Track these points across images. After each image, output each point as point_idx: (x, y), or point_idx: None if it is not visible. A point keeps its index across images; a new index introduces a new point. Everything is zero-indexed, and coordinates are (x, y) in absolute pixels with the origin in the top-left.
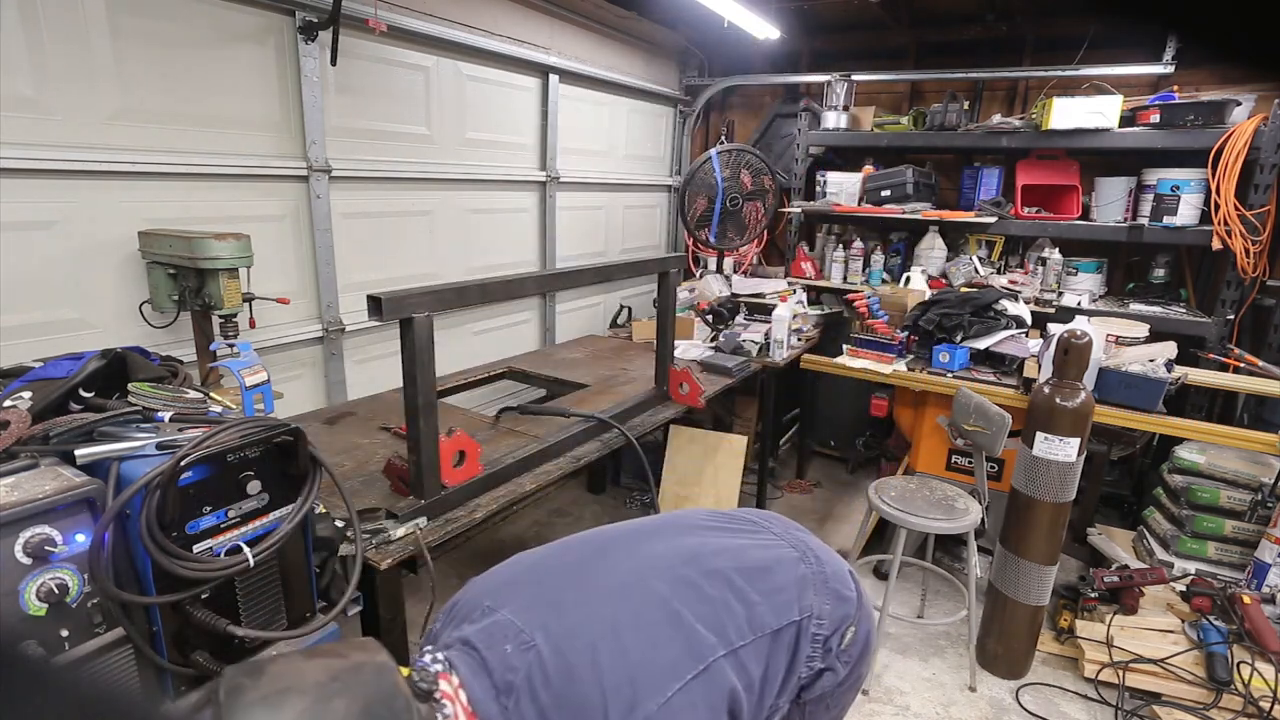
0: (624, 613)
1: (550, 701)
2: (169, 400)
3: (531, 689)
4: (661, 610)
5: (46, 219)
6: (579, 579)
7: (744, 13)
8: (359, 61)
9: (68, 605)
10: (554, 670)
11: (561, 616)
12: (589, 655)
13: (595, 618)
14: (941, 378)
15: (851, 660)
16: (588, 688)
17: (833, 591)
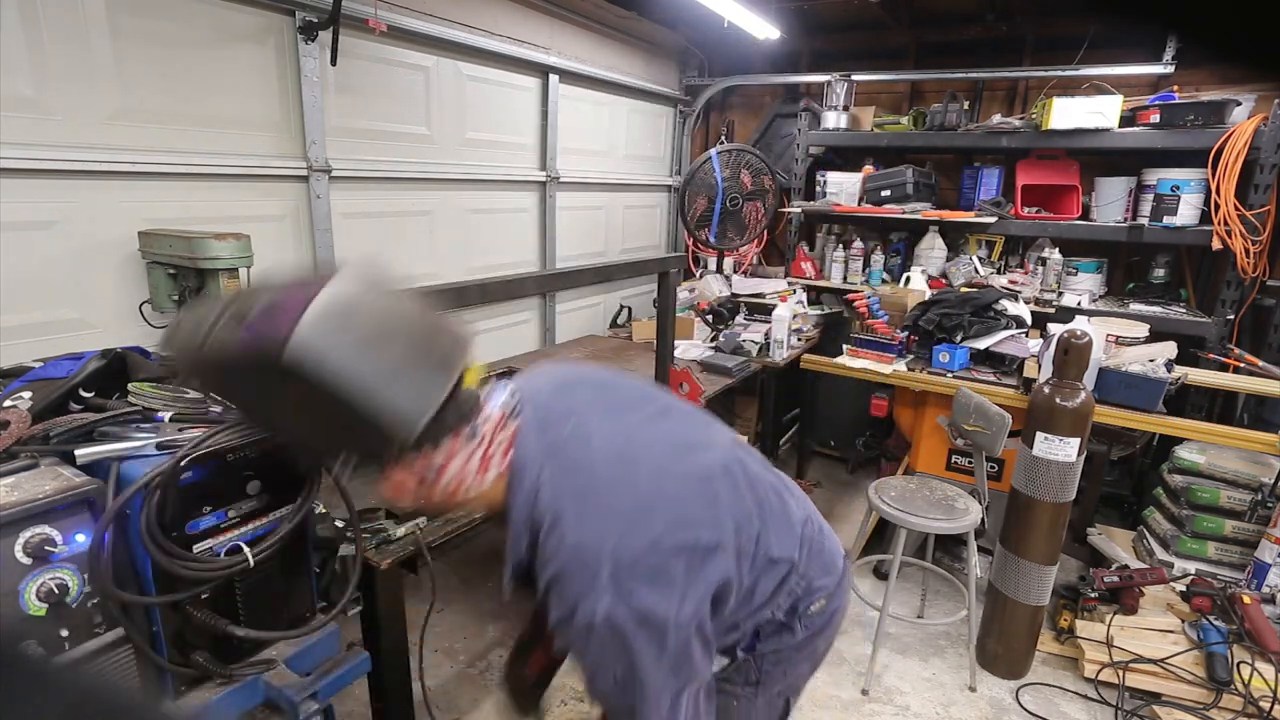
0: (678, 463)
1: (586, 488)
2: (169, 400)
3: (575, 469)
4: (708, 482)
5: (46, 219)
6: (649, 412)
7: (744, 13)
8: (359, 61)
9: (68, 605)
10: (602, 468)
11: (627, 433)
12: (636, 474)
13: (654, 451)
14: (941, 378)
15: (812, 629)
16: (624, 495)
17: (822, 563)
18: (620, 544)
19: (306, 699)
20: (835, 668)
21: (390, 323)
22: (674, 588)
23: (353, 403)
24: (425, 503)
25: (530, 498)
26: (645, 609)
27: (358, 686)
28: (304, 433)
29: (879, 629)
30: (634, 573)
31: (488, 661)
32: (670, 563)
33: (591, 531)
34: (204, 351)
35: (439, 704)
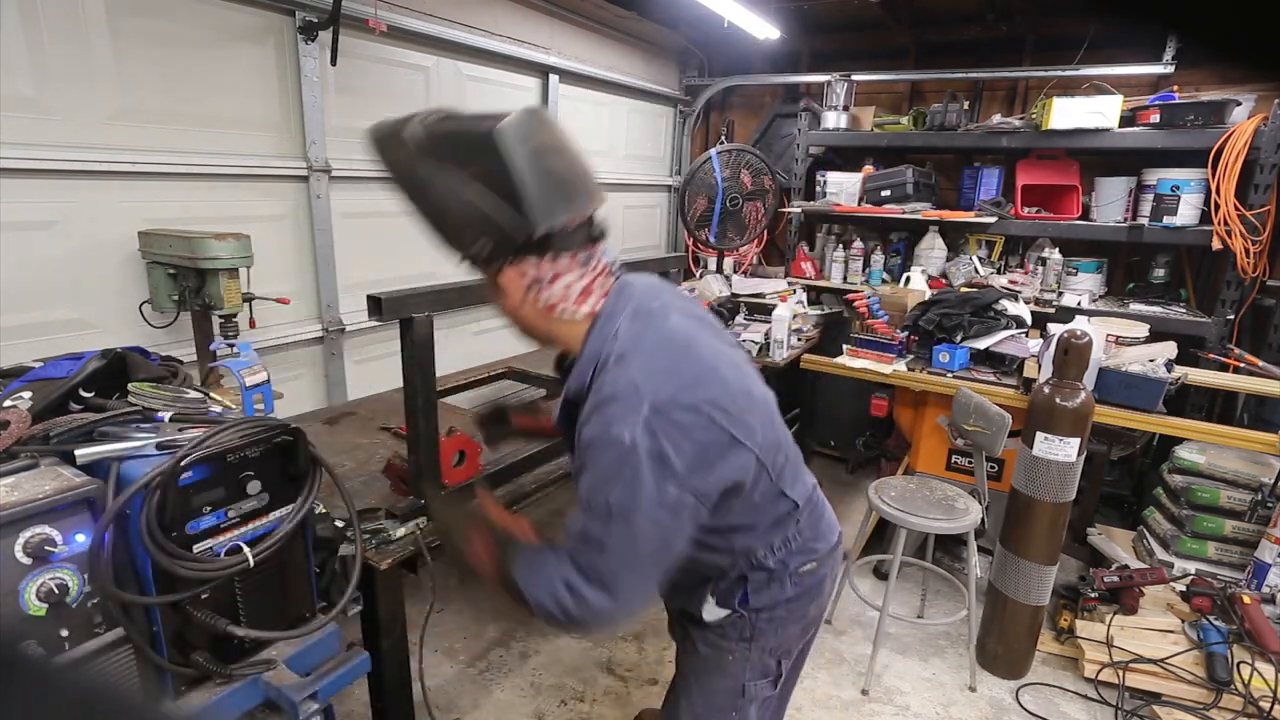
0: (743, 373)
1: (657, 346)
2: (169, 400)
3: (652, 329)
4: (751, 397)
5: (46, 219)
6: (717, 335)
7: (744, 13)
8: (359, 61)
9: (68, 605)
10: (677, 337)
11: (703, 333)
12: (704, 354)
13: (725, 350)
14: (941, 378)
15: (801, 588)
16: (689, 364)
17: (819, 529)
18: (669, 395)
19: (306, 699)
20: (835, 668)
21: (558, 147)
22: (695, 453)
23: (518, 182)
24: (521, 311)
25: (609, 337)
26: (665, 453)
27: (358, 686)
28: (462, 208)
29: (879, 629)
30: (669, 421)
31: (488, 661)
32: (703, 431)
33: (649, 376)
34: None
35: (439, 704)
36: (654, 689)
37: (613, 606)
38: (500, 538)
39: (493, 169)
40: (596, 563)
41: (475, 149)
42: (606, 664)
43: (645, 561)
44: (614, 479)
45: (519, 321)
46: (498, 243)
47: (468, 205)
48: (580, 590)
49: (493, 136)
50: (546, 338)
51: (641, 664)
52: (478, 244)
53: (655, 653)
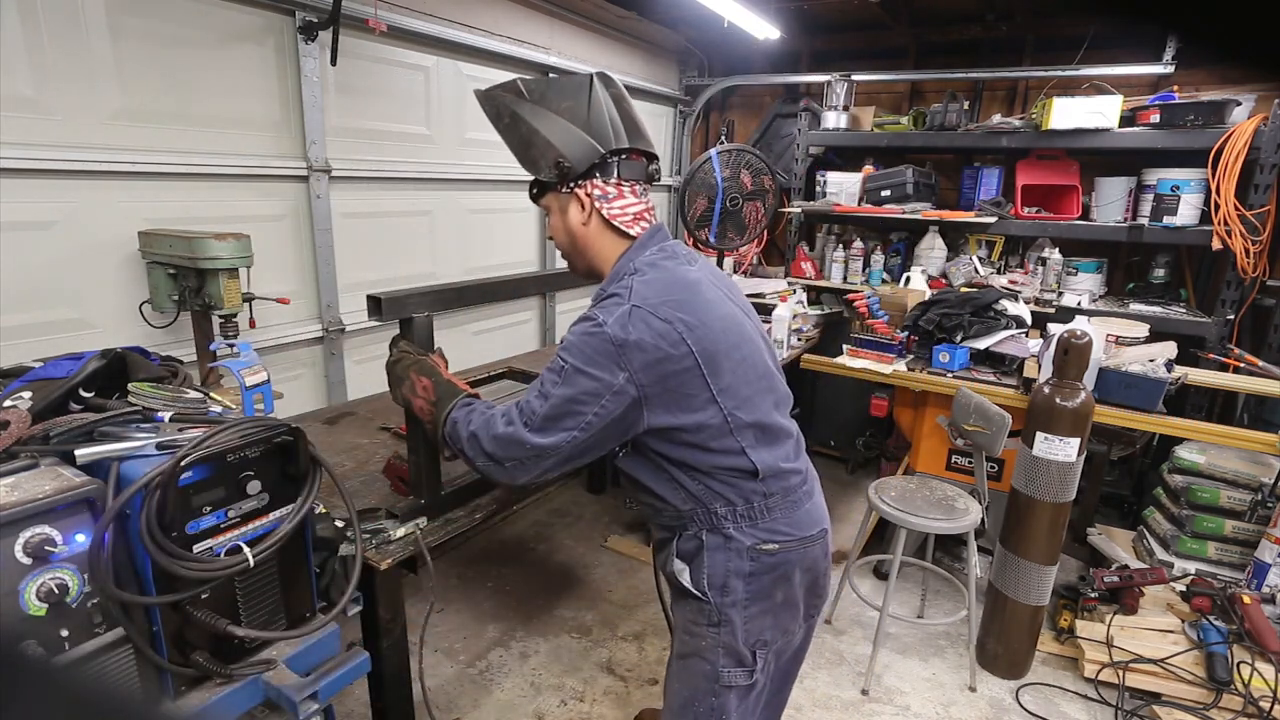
0: (735, 323)
1: (669, 281)
2: (169, 400)
3: (674, 261)
4: (749, 344)
5: (46, 219)
6: (742, 305)
7: (744, 13)
8: (359, 61)
9: (68, 605)
10: (688, 280)
11: (704, 277)
12: (704, 293)
13: (723, 305)
14: (941, 378)
15: (759, 564)
16: (689, 297)
17: (792, 517)
18: (653, 304)
19: (306, 699)
20: (835, 668)
21: (625, 98)
22: (656, 357)
23: (596, 112)
24: (582, 226)
25: (636, 258)
26: (627, 341)
27: (358, 686)
28: (547, 135)
29: (879, 629)
30: (642, 319)
31: (488, 661)
32: (669, 343)
33: (645, 287)
34: (518, 82)
35: (439, 704)
36: (654, 689)
37: (530, 446)
38: (443, 386)
39: (576, 105)
40: (534, 404)
41: (564, 92)
42: (607, 664)
43: (573, 424)
44: (577, 346)
45: (576, 237)
46: (574, 162)
47: (553, 133)
48: (512, 420)
49: (586, 78)
50: (589, 254)
51: (641, 664)
52: (559, 164)
53: (655, 653)
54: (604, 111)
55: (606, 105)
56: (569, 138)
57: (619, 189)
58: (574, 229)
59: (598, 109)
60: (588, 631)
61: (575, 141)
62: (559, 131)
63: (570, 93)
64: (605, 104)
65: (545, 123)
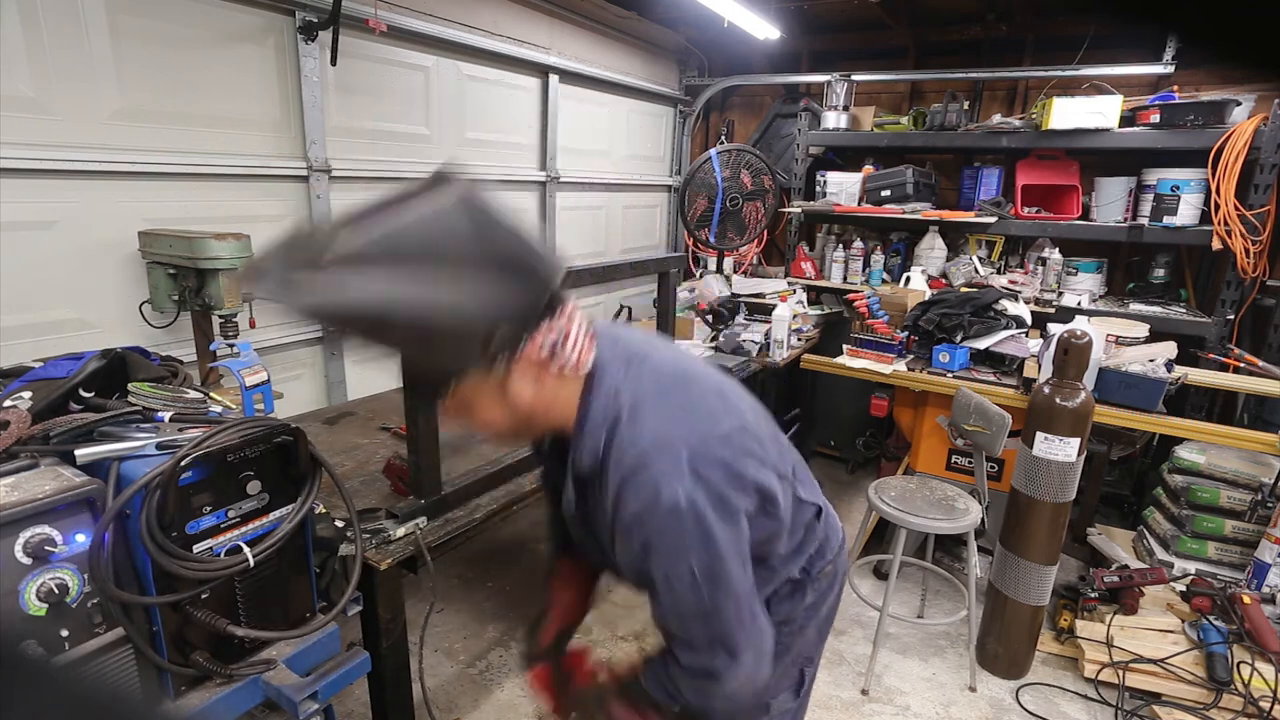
0: (733, 392)
1: (661, 389)
2: (169, 400)
3: (649, 372)
4: (766, 422)
5: (46, 219)
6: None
7: (744, 13)
8: (359, 61)
9: (68, 605)
10: (671, 376)
11: (683, 363)
12: (703, 390)
13: (712, 377)
14: (941, 378)
15: (819, 590)
16: (698, 400)
17: (830, 523)
18: (698, 435)
19: (306, 699)
20: (835, 668)
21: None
22: (741, 481)
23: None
24: (537, 392)
25: (610, 394)
26: (723, 495)
27: (358, 686)
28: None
29: (879, 629)
30: (710, 461)
31: (488, 661)
32: (740, 459)
33: (671, 422)
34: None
35: (439, 704)
36: None
37: (748, 666)
38: (624, 691)
39: (474, 242)
40: (712, 633)
41: (442, 230)
42: (607, 664)
43: (751, 603)
44: (686, 546)
45: (533, 409)
46: (516, 320)
47: (466, 296)
48: (711, 668)
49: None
50: (551, 415)
51: None
52: (497, 335)
53: None
54: (513, 229)
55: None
56: (491, 289)
57: (566, 320)
58: (530, 402)
59: (509, 229)
60: (588, 631)
61: (503, 290)
62: (469, 287)
63: (446, 231)
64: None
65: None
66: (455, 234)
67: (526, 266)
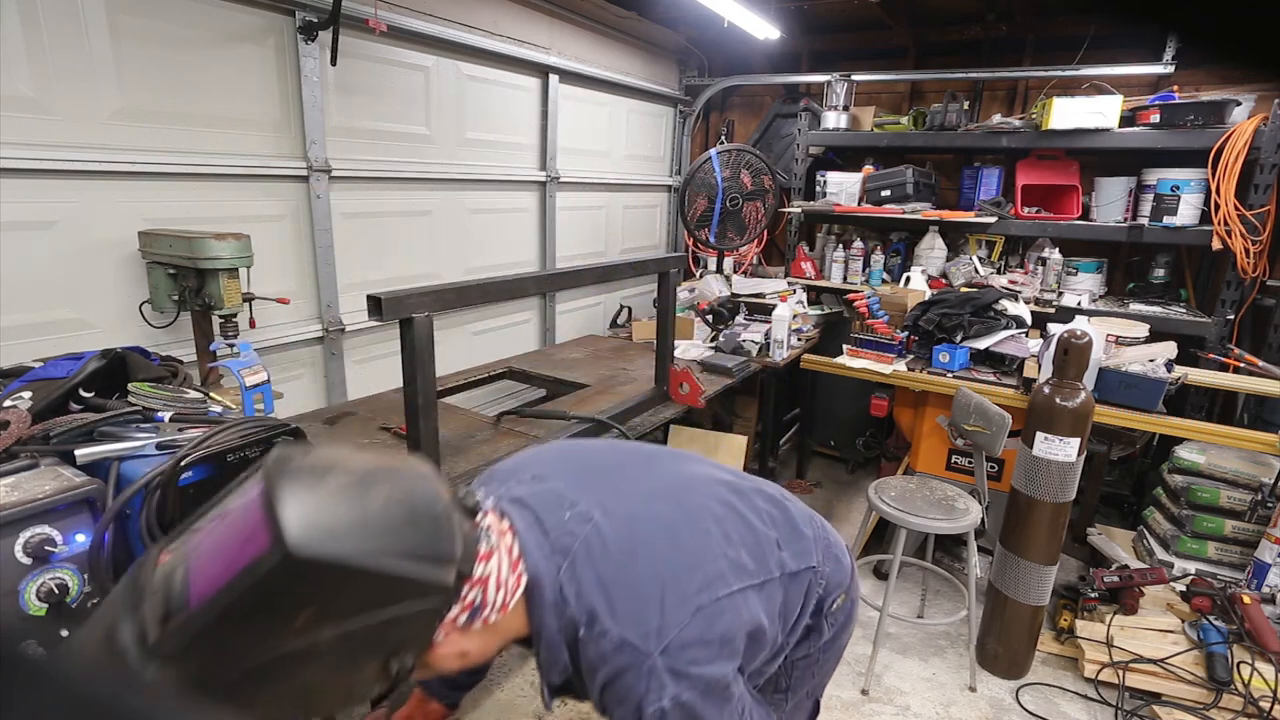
0: (680, 517)
1: (609, 574)
2: (169, 400)
3: (590, 557)
4: (716, 525)
5: (46, 219)
6: (631, 474)
7: (744, 13)
8: (359, 61)
9: (68, 605)
10: (614, 546)
11: (620, 499)
12: (649, 545)
13: (653, 510)
14: (941, 378)
15: (837, 625)
16: (646, 569)
17: (834, 557)
18: (663, 626)
19: None
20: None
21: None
22: (724, 646)
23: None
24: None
25: (558, 604)
26: (706, 678)
27: None
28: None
29: (879, 629)
30: (685, 650)
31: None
32: (713, 625)
33: (631, 623)
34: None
35: None
36: None
37: None
38: None
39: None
40: None
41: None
42: None
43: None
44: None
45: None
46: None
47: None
48: None
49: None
50: (507, 638)
51: None
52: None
53: None
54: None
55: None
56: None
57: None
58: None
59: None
60: None
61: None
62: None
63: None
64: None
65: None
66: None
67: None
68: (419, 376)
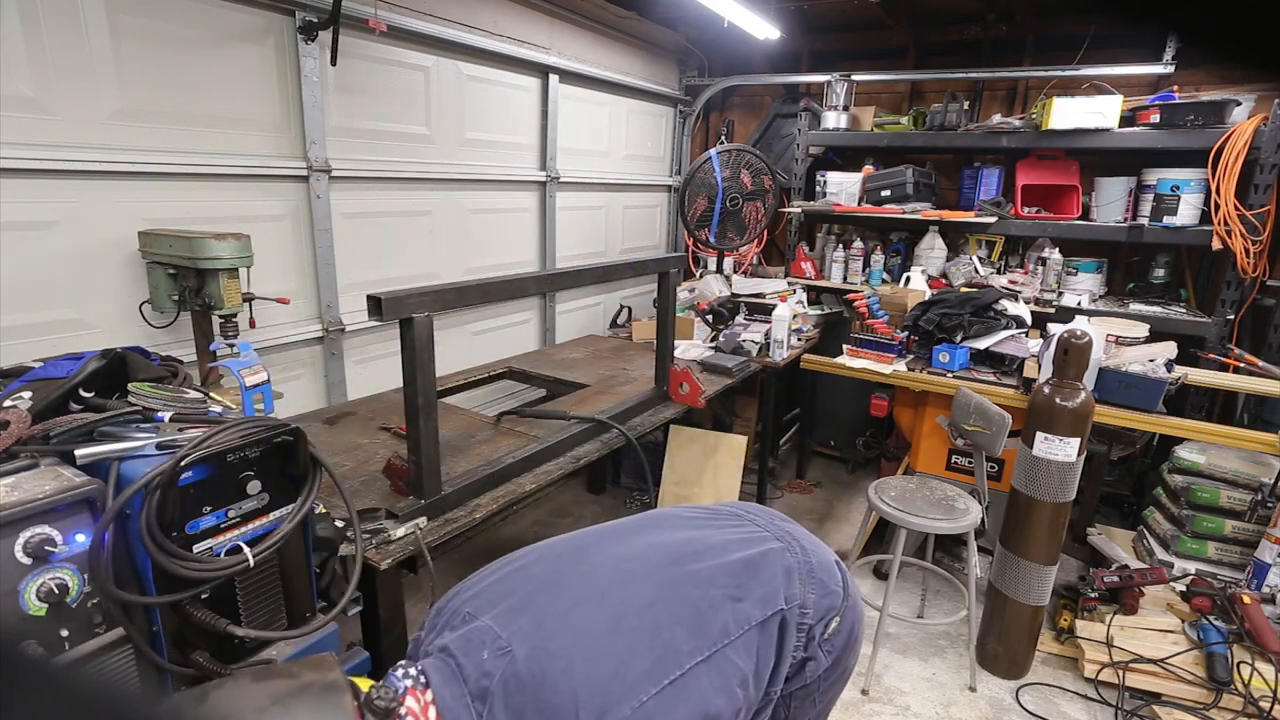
0: (601, 620)
1: (523, 705)
2: (169, 400)
3: (506, 694)
4: (639, 616)
5: (46, 219)
6: (558, 585)
7: (744, 13)
8: (359, 61)
9: (68, 605)
10: (528, 676)
11: (540, 624)
12: (564, 662)
13: (573, 625)
14: (941, 378)
15: (835, 650)
16: (561, 695)
17: (818, 581)
18: None
19: None
20: None
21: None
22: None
23: None
24: None
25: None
26: None
27: None
28: None
29: (879, 629)
30: None
31: None
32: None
33: None
34: None
35: None
36: None
37: None
38: None
39: None
40: None
41: None
42: None
43: None
44: None
45: None
46: None
47: None
48: None
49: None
50: None
51: None
52: None
53: None
54: None
55: None
56: None
57: None
58: None
59: None
60: None
61: None
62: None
63: None
64: None
65: None
66: None
67: None
68: (419, 376)
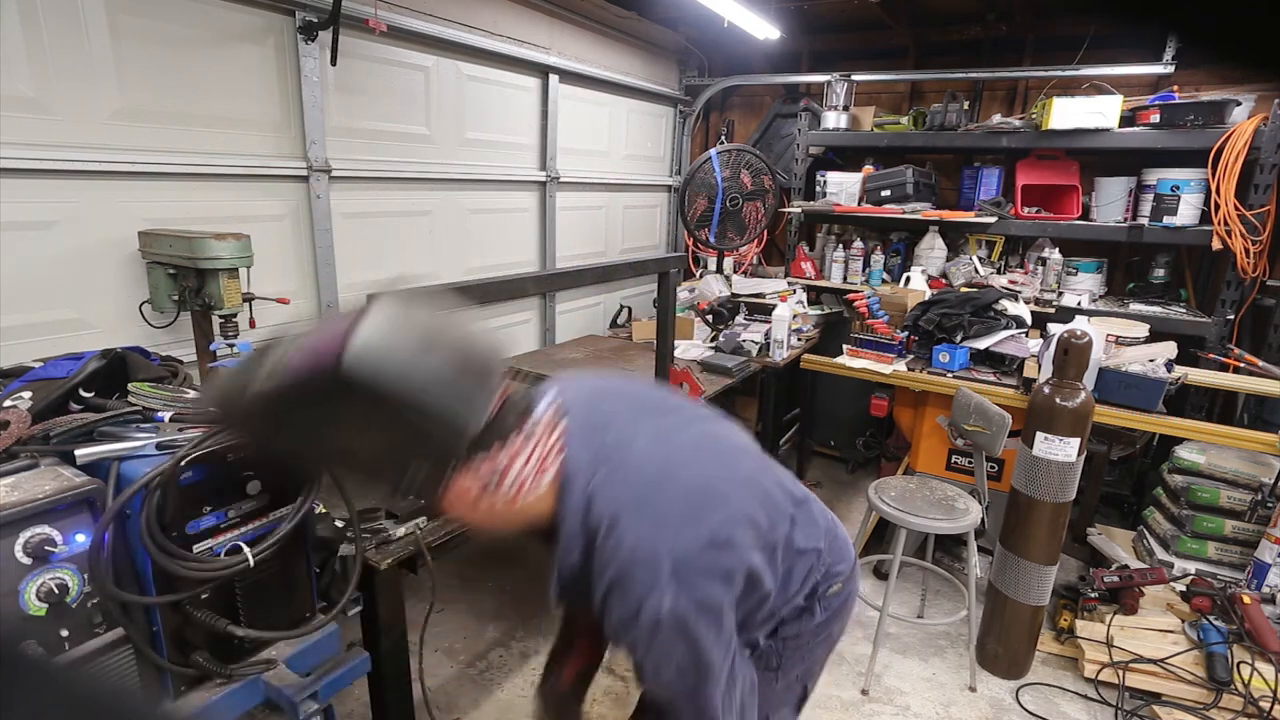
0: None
1: (637, 492)
2: (169, 400)
3: (625, 472)
4: (746, 485)
5: (46, 219)
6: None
7: (744, 13)
8: (359, 61)
9: (68, 605)
10: (650, 470)
11: (667, 435)
12: (681, 476)
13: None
14: (941, 378)
15: (830, 609)
16: (674, 495)
17: (839, 549)
18: (678, 543)
19: (306, 699)
20: (835, 668)
21: (435, 332)
22: (725, 576)
23: (421, 403)
24: (487, 514)
25: (584, 502)
26: (704, 598)
27: (358, 686)
28: (369, 455)
29: (879, 629)
30: (692, 568)
31: (488, 661)
32: (723, 556)
33: (650, 533)
34: (256, 388)
35: (439, 704)
36: None
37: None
38: None
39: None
40: (698, 712)
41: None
42: (606, 663)
43: (743, 693)
44: (671, 651)
45: (488, 524)
46: (431, 468)
47: (374, 454)
48: None
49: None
50: (521, 528)
51: None
52: (411, 474)
53: None
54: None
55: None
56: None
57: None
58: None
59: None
60: None
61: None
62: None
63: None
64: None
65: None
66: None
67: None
68: None
